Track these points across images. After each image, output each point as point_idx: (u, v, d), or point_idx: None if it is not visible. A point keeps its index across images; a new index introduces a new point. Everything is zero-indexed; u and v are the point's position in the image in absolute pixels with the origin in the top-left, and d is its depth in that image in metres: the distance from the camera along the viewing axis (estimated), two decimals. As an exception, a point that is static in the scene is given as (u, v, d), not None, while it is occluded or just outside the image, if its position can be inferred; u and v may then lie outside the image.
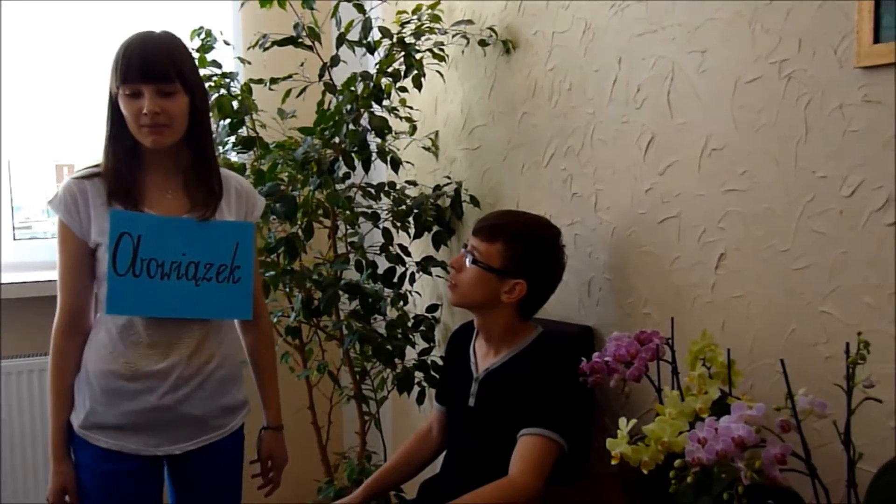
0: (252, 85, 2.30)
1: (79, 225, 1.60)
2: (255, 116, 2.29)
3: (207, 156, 1.66)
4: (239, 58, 2.52)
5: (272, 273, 2.14)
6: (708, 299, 1.55)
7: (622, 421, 1.24)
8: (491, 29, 2.15)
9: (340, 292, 2.20)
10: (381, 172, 2.70)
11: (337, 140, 2.07)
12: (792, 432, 1.09)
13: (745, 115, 1.44)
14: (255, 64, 2.55)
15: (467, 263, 1.71)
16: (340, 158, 2.09)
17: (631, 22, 1.70)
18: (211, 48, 2.31)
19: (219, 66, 2.32)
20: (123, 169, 1.60)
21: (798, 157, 1.35)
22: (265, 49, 2.17)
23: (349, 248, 2.37)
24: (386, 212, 2.36)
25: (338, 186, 2.27)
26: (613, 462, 1.20)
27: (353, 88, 2.08)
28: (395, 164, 2.33)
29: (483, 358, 1.79)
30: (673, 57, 1.59)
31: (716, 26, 1.49)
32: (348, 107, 2.11)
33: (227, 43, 2.40)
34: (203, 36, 2.33)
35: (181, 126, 1.59)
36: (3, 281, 2.56)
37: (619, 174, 1.76)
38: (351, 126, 2.05)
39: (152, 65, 1.53)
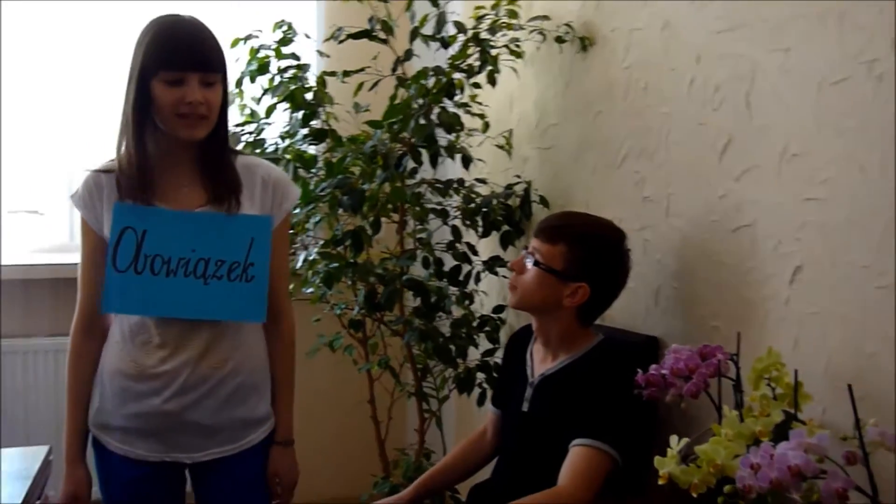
0: (329, 78, 2.32)
1: (95, 219, 1.55)
2: (328, 109, 2.30)
3: (225, 146, 1.58)
4: (318, 51, 2.53)
5: (336, 265, 2.14)
6: (781, 315, 1.45)
7: (673, 439, 1.17)
8: (568, 25, 2.09)
9: (403, 288, 2.18)
10: (453, 169, 2.67)
11: (405, 134, 2.05)
12: (858, 465, 0.99)
13: (828, 119, 1.34)
14: (334, 58, 2.56)
15: (528, 265, 1.66)
16: (408, 153, 2.06)
17: (711, 19, 1.61)
18: (290, 41, 2.34)
19: (297, 58, 2.34)
20: (138, 159, 1.51)
21: (884, 166, 1.24)
22: (340, 42, 2.17)
23: (417, 244, 2.35)
24: (455, 209, 2.33)
25: (407, 182, 2.25)
26: (661, 482, 1.14)
27: (423, 82, 2.06)
28: (466, 162, 2.29)
29: (540, 363, 1.74)
30: (754, 56, 1.50)
31: (801, 23, 1.39)
32: (420, 101, 2.09)
33: (307, 36, 2.42)
34: (285, 29, 2.36)
35: (216, 118, 1.52)
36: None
37: (693, 178, 1.68)
38: (420, 121, 2.03)
39: (203, 52, 1.47)
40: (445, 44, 2.13)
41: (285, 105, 2.23)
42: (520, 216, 2.29)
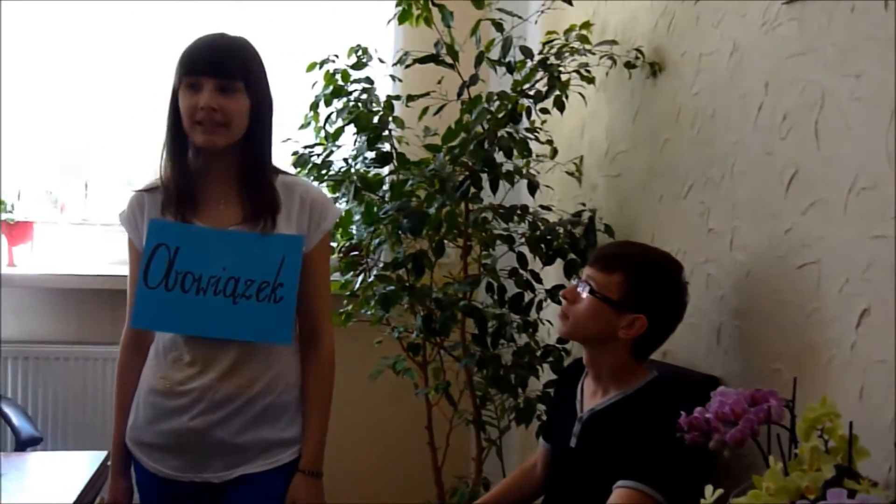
0: (402, 103, 2.33)
1: (138, 238, 1.58)
2: (398, 133, 2.32)
3: (263, 164, 1.57)
4: (391, 76, 2.56)
5: (392, 288, 2.13)
6: (845, 361, 1.34)
7: (708, 489, 1.09)
8: (638, 50, 2.03)
9: (461, 313, 2.15)
10: (525, 196, 2.63)
11: (465, 159, 2.03)
12: (906, 532, 0.89)
13: (901, 150, 1.23)
14: (408, 82, 2.58)
15: (583, 294, 1.61)
16: (468, 178, 2.04)
17: (781, 42, 1.52)
18: (364, 65, 2.36)
19: (371, 82, 2.37)
20: (177, 175, 1.54)
21: (961, 202, 1.13)
22: (407, 66, 2.18)
23: (481, 269, 2.32)
24: (520, 236, 2.29)
25: (472, 207, 2.23)
26: (690, 534, 1.06)
27: (484, 106, 2.04)
28: (532, 188, 2.25)
29: (590, 397, 1.67)
30: (824, 82, 1.40)
31: (874, 47, 1.29)
32: (485, 126, 2.07)
33: (381, 60, 2.45)
34: (360, 53, 2.39)
35: (238, 129, 1.51)
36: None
37: (758, 211, 1.58)
38: (478, 145, 2.00)
39: (218, 58, 1.48)
40: (511, 69, 2.10)
41: (354, 129, 2.24)
42: (584, 245, 2.22)
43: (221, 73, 1.48)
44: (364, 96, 2.20)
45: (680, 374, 1.75)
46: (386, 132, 2.20)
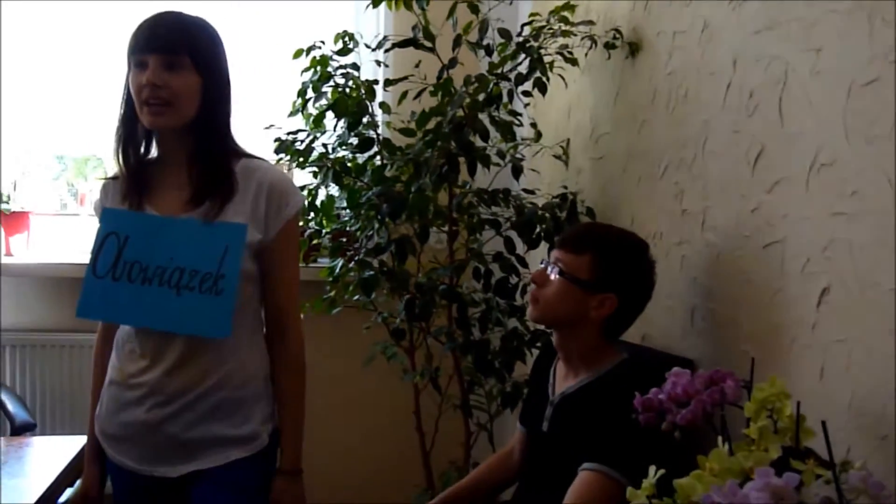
0: (386, 89, 2.32)
1: None
2: (380, 117, 2.31)
3: (215, 147, 1.49)
4: (376, 60, 2.55)
5: (371, 273, 2.14)
6: (807, 341, 1.32)
7: (651, 469, 1.08)
8: (616, 30, 2.00)
9: (440, 298, 2.15)
10: (513, 180, 2.62)
11: (442, 142, 2.02)
12: (836, 512, 0.88)
13: (857, 125, 1.21)
14: (397, 67, 2.56)
15: (552, 276, 1.59)
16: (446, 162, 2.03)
17: (748, 18, 1.49)
18: (350, 51, 2.35)
19: (357, 68, 2.36)
20: (124, 159, 1.50)
21: (914, 177, 1.11)
22: (386, 51, 2.17)
23: (468, 254, 2.32)
24: (506, 220, 2.28)
25: (456, 191, 2.23)
26: (630, 514, 1.05)
27: (464, 89, 2.02)
28: (517, 172, 2.24)
29: (561, 381, 1.66)
30: (787, 57, 1.37)
31: (833, 20, 1.26)
32: (463, 109, 2.05)
33: (368, 46, 2.44)
34: (346, 38, 2.38)
35: (186, 108, 1.43)
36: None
37: (727, 190, 1.56)
38: (455, 129, 1.99)
39: (161, 34, 1.42)
40: (490, 51, 2.09)
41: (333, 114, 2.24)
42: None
43: (165, 48, 1.41)
44: (343, 81, 2.18)
45: (656, 357, 1.74)
46: (367, 117, 2.18)
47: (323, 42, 2.40)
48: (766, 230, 1.43)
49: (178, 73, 1.42)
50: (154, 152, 1.54)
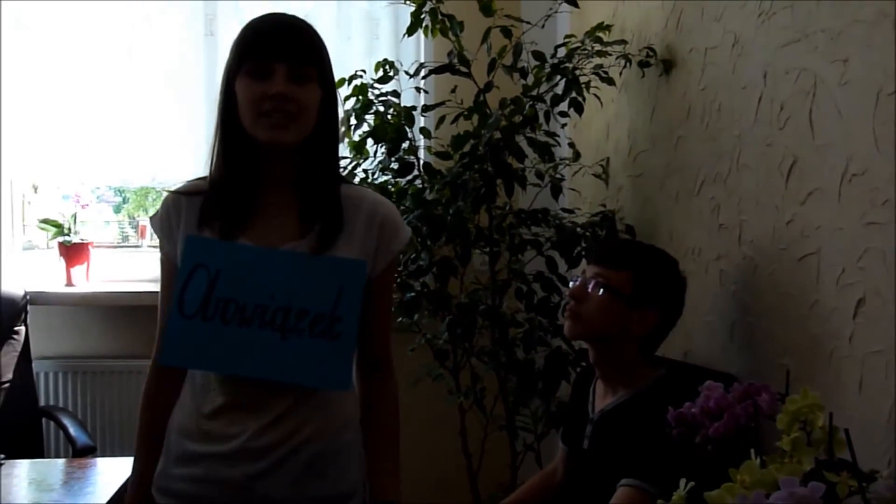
0: (425, 115, 2.37)
1: (172, 247, 1.33)
2: (427, 143, 2.36)
3: (330, 168, 1.33)
4: (416, 87, 2.60)
5: (412, 294, 2.17)
6: (845, 353, 1.30)
7: (682, 482, 1.08)
8: (649, 48, 2.02)
9: (480, 319, 2.17)
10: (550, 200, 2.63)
11: (476, 165, 2.06)
12: (865, 522, 0.87)
13: (887, 133, 1.20)
14: (439, 93, 2.61)
15: (595, 292, 1.60)
16: (482, 183, 2.07)
17: (777, 31, 1.50)
18: (390, 79, 2.41)
19: (397, 95, 2.42)
20: (229, 179, 1.29)
21: (944, 184, 1.10)
22: (424, 77, 2.22)
23: (510, 275, 2.34)
24: (546, 240, 2.30)
25: (495, 213, 2.26)
26: (661, 528, 1.05)
27: (500, 112, 2.06)
28: (556, 191, 2.26)
29: (601, 398, 1.67)
30: (815, 69, 1.37)
31: (859, 30, 1.26)
32: (498, 132, 2.09)
33: (407, 73, 2.50)
34: (386, 67, 2.44)
35: (307, 124, 1.27)
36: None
37: (761, 203, 1.56)
38: (491, 151, 2.03)
39: (290, 40, 1.25)
40: (525, 73, 2.12)
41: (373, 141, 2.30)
42: (607, 246, 2.21)
43: (296, 58, 1.25)
44: (382, 108, 2.24)
45: (697, 374, 1.72)
46: (407, 142, 2.23)
47: (364, 71, 2.47)
48: (801, 242, 1.42)
49: (306, 85, 1.25)
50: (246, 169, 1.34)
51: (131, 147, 2.83)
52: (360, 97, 2.34)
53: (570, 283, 1.65)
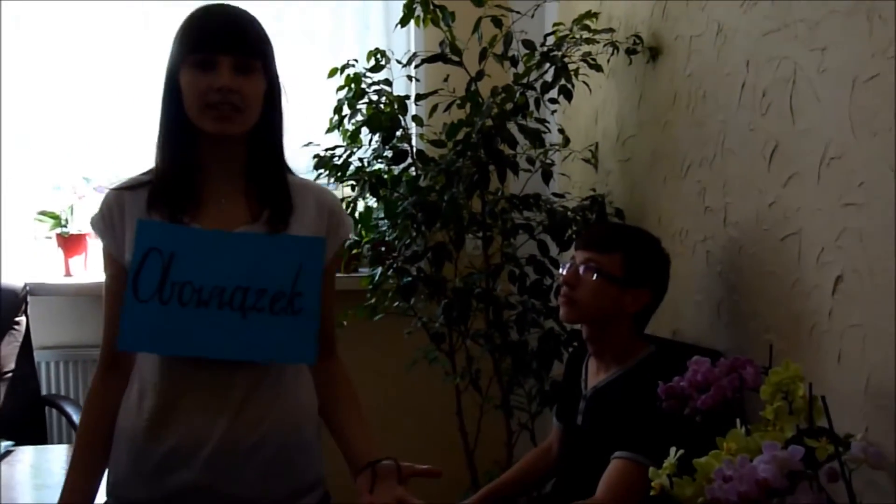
0: (418, 103, 2.42)
1: (115, 246, 1.30)
2: (414, 130, 2.40)
3: (278, 157, 1.35)
4: (408, 76, 2.65)
5: (409, 279, 2.23)
6: (825, 328, 1.37)
7: (672, 450, 1.15)
8: (636, 36, 2.07)
9: (475, 302, 2.23)
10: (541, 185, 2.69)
11: (469, 152, 2.11)
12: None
13: (862, 119, 1.26)
14: (430, 82, 2.66)
15: (587, 276, 1.66)
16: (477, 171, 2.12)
17: (759, 20, 1.55)
18: (382, 68, 2.46)
19: (389, 84, 2.46)
20: (165, 167, 1.30)
21: (916, 167, 1.16)
22: (416, 66, 2.27)
23: (503, 259, 2.40)
24: (538, 224, 2.35)
25: (488, 198, 2.31)
26: (652, 493, 1.12)
27: (492, 100, 2.11)
28: (546, 177, 2.31)
29: (594, 375, 1.73)
30: (796, 57, 1.43)
31: (835, 20, 1.32)
32: (490, 119, 2.14)
33: (399, 62, 2.54)
34: (378, 56, 2.48)
35: (253, 115, 1.28)
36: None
37: (746, 186, 1.62)
38: (484, 138, 2.08)
39: (235, 32, 1.26)
40: (515, 62, 2.17)
41: (368, 129, 2.34)
42: (597, 230, 2.27)
43: (241, 50, 1.25)
44: (376, 98, 2.29)
45: (685, 351, 1.79)
46: (400, 131, 2.28)
47: (356, 60, 2.52)
48: (783, 223, 1.49)
49: (251, 77, 1.26)
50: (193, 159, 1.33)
51: (127, 140, 2.86)
52: (353, 86, 2.39)
53: (561, 270, 1.72)
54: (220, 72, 1.24)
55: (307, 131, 2.57)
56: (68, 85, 2.84)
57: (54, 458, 2.08)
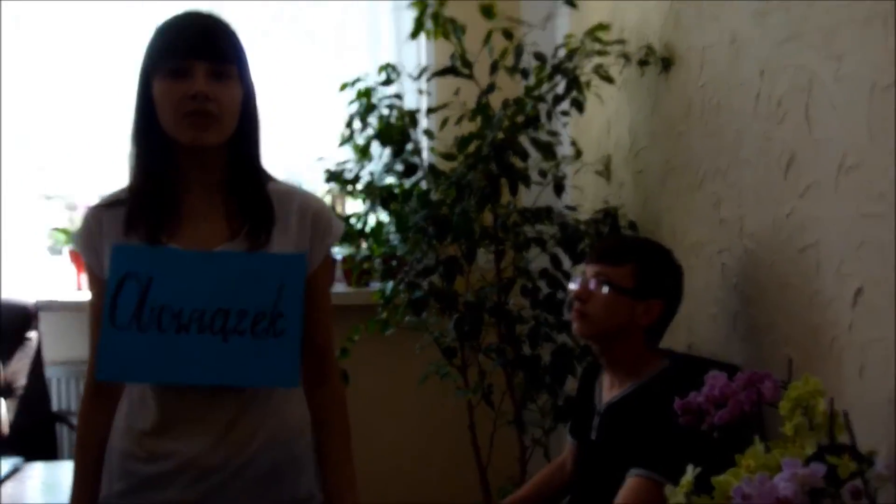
0: (430, 117, 2.42)
1: (97, 264, 1.28)
2: (425, 144, 2.39)
3: (255, 166, 1.31)
4: (419, 89, 2.64)
5: (420, 293, 2.21)
6: (845, 341, 1.34)
7: (689, 468, 1.12)
8: (648, 47, 2.06)
9: (488, 315, 2.21)
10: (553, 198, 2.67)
11: (480, 165, 2.10)
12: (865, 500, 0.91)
13: (880, 127, 1.24)
14: (442, 96, 2.65)
15: (598, 290, 1.64)
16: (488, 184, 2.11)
17: (773, 29, 1.53)
18: (392, 81, 2.45)
19: (400, 97, 2.45)
20: (151, 184, 1.26)
21: (937, 175, 1.13)
22: (427, 80, 2.26)
23: (515, 272, 2.37)
24: (550, 237, 2.33)
25: (499, 211, 2.29)
26: (670, 512, 1.09)
27: (503, 112, 2.10)
28: (558, 189, 2.30)
29: (607, 390, 1.71)
30: (811, 65, 1.41)
31: (852, 28, 1.30)
32: (501, 132, 2.13)
33: (411, 76, 2.53)
34: (389, 70, 2.48)
35: (230, 124, 1.24)
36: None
37: (762, 197, 1.60)
38: (495, 151, 2.07)
39: (209, 38, 1.22)
40: (526, 74, 2.16)
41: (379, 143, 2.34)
42: (611, 242, 2.25)
43: (215, 56, 1.22)
44: (386, 111, 2.28)
45: (701, 365, 1.76)
46: (411, 144, 2.27)
47: (367, 74, 2.51)
48: (801, 234, 1.46)
49: (227, 84, 1.23)
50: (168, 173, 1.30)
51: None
52: (364, 100, 2.38)
53: (571, 285, 1.70)
54: (195, 79, 1.21)
55: (319, 144, 2.58)
56: (83, 103, 2.86)
57: (64, 475, 2.06)
